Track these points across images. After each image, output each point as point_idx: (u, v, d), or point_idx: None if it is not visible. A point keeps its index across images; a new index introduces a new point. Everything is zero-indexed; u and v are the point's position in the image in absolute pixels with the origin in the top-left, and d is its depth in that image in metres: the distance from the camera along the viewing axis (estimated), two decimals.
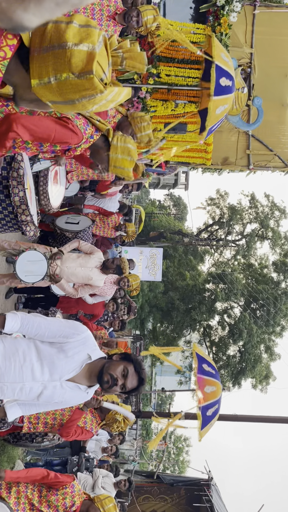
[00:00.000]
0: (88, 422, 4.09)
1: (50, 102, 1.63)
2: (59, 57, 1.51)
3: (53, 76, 1.54)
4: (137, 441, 14.85)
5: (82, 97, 1.58)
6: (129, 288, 6.34)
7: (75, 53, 1.50)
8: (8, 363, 2.39)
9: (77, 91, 1.55)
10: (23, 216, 3.78)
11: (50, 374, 2.43)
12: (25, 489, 3.29)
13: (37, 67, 1.55)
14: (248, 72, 7.42)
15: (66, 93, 1.57)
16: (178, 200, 36.81)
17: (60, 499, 3.33)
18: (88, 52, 1.52)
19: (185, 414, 9.05)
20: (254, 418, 12.57)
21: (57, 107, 1.67)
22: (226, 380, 21.31)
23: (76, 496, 3.40)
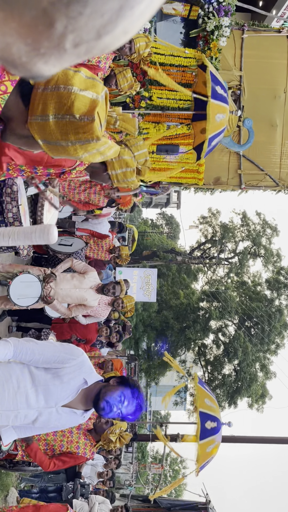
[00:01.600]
0: (81, 447, 3.99)
1: (42, 141, 1.63)
2: (63, 98, 1.54)
3: (52, 115, 1.55)
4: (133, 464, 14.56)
5: (77, 140, 1.59)
6: (124, 309, 6.31)
7: (79, 97, 1.54)
8: (1, 390, 2.34)
9: (74, 133, 1.57)
10: None
11: (45, 400, 2.38)
12: None
13: (39, 103, 1.57)
14: (238, 94, 7.57)
15: (62, 134, 1.58)
16: (170, 219, 37.01)
17: None
18: (92, 100, 1.56)
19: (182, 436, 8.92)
20: (252, 439, 12.41)
21: (48, 147, 1.66)
22: (222, 399, 21.08)
23: None
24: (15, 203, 3.69)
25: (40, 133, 1.60)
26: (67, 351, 2.46)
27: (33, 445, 3.70)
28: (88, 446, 4.02)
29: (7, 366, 2.42)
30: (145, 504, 11.87)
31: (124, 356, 16.99)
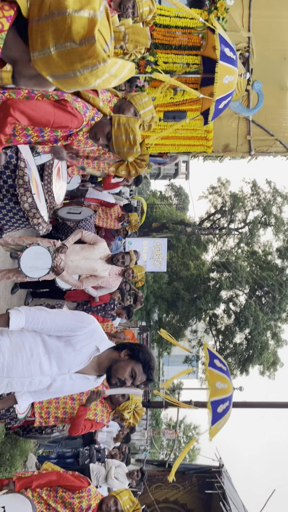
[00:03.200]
0: (98, 414, 4.10)
1: (50, 76, 1.53)
2: (59, 25, 1.44)
3: (53, 46, 1.46)
4: (148, 430, 14.95)
5: (84, 67, 1.49)
6: (134, 279, 6.33)
7: (75, 20, 1.43)
8: (15, 358, 2.38)
9: (78, 60, 1.47)
10: (35, 220, 3.80)
11: (58, 367, 2.42)
12: (40, 490, 3.31)
13: (36, 37, 1.48)
14: (246, 57, 7.32)
15: (67, 64, 1.48)
16: (179, 190, 36.68)
17: (76, 503, 3.35)
18: (90, 19, 1.45)
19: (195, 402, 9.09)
20: (264, 404, 12.60)
21: (58, 82, 1.57)
22: (234, 368, 21.37)
23: (93, 499, 3.42)
24: (29, 194, 3.70)
25: (47, 69, 1.51)
26: (78, 319, 2.47)
27: (88, 408, 3.83)
28: (105, 413, 4.13)
29: (20, 334, 2.44)
30: (159, 468, 12.21)
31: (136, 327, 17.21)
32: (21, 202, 3.70)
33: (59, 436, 4.60)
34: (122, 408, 4.17)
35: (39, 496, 3.27)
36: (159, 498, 11.57)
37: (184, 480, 11.85)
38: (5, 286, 6.33)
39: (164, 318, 24.44)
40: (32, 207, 3.74)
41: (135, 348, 2.50)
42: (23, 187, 3.65)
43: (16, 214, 3.78)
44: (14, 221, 3.82)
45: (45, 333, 2.45)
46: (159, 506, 11.19)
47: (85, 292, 6.03)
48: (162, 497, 11.74)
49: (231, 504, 10.04)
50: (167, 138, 6.94)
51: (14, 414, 3.52)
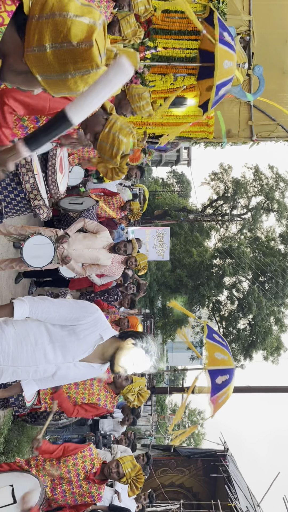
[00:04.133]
0: (102, 399, 4.15)
1: (40, 75, 1.54)
2: (59, 25, 1.46)
3: (49, 44, 1.47)
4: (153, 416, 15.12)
5: (76, 70, 1.50)
6: (137, 267, 6.35)
7: (76, 23, 1.45)
8: (20, 347, 2.42)
9: (73, 62, 1.48)
10: (36, 201, 3.80)
11: (62, 356, 2.45)
12: (43, 462, 3.38)
13: (34, 33, 1.49)
14: (247, 40, 7.24)
15: (60, 64, 1.49)
16: (181, 177, 36.47)
17: (80, 463, 3.41)
18: (89, 25, 1.47)
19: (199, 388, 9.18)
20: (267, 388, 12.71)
21: (47, 83, 1.57)
22: (237, 353, 21.49)
23: (95, 459, 3.49)
24: (31, 174, 3.70)
25: (38, 67, 1.52)
26: (82, 308, 2.50)
27: (60, 391, 3.87)
28: (108, 398, 4.18)
29: (24, 323, 2.47)
30: (165, 453, 12.38)
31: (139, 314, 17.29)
32: (23, 182, 3.71)
33: (66, 423, 4.68)
34: (126, 391, 4.22)
35: (43, 469, 3.35)
36: (164, 482, 11.75)
37: (190, 464, 12.03)
38: (9, 275, 6.36)
39: (168, 305, 24.53)
40: (34, 188, 3.73)
41: (138, 337, 2.54)
42: (25, 167, 3.65)
43: (17, 196, 3.78)
44: (15, 203, 3.81)
45: (49, 322, 2.48)
46: (165, 490, 11.38)
47: (89, 279, 6.06)
48: (168, 481, 11.92)
49: (236, 487, 10.20)
50: (168, 125, 6.90)
51: (23, 402, 3.57)
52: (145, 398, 4.58)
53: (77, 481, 3.39)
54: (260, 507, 10.72)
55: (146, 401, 4.85)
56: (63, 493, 3.37)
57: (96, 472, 3.45)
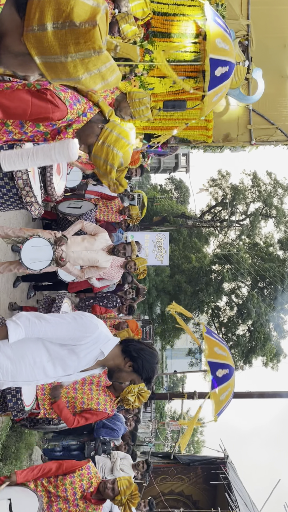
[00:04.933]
0: (101, 403, 4.09)
1: (39, 57, 1.47)
2: (62, 4, 1.40)
3: (50, 23, 1.41)
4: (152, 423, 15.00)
5: (78, 52, 1.43)
6: (136, 271, 6.31)
7: (79, 3, 1.40)
8: (18, 366, 2.34)
9: (74, 43, 1.42)
10: (28, 198, 3.76)
11: (63, 370, 2.39)
12: (41, 479, 3.31)
13: (35, 11, 1.43)
14: (245, 45, 7.26)
15: (61, 45, 1.42)
16: (179, 183, 36.56)
17: (77, 481, 3.34)
18: (93, 7, 1.42)
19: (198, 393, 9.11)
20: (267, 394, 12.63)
21: (45, 66, 1.49)
22: (237, 359, 21.39)
23: (93, 477, 3.42)
24: (25, 170, 3.66)
25: (37, 48, 1.45)
26: (81, 328, 2.35)
27: (59, 402, 3.80)
28: (108, 402, 4.12)
29: (21, 343, 2.35)
30: (165, 461, 12.26)
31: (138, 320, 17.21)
32: (16, 178, 3.65)
33: (66, 427, 4.61)
34: (126, 392, 4.16)
35: (40, 485, 3.28)
36: (164, 490, 11.62)
37: (189, 471, 11.90)
38: (7, 279, 6.31)
39: (167, 311, 24.46)
40: (26, 184, 3.69)
41: (139, 362, 2.45)
42: None
43: (9, 191, 3.72)
44: (6, 198, 3.76)
45: (47, 340, 2.38)
46: (164, 498, 11.25)
47: (88, 282, 6.02)
48: (167, 489, 11.79)
49: (236, 495, 10.08)
50: (166, 128, 6.89)
51: (21, 406, 3.51)
52: (146, 398, 4.51)
53: (73, 499, 3.31)
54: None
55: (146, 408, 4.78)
56: (59, 511, 3.30)
57: (93, 492, 3.38)
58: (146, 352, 2.47)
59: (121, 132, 2.41)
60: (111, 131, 2.39)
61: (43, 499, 3.25)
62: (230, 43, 5.02)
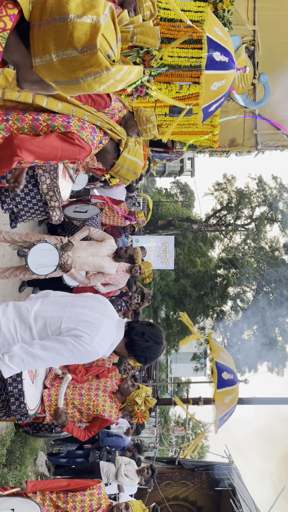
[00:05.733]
0: (106, 410, 4.07)
1: (53, 82, 1.51)
2: (61, 31, 1.39)
3: (54, 53, 1.42)
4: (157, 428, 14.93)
5: (87, 75, 1.45)
6: (142, 276, 6.30)
7: (77, 26, 1.38)
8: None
9: (80, 69, 1.43)
10: (52, 202, 3.82)
11: None
12: (50, 493, 3.30)
13: (38, 43, 1.44)
14: (251, 50, 7.26)
15: (69, 72, 1.44)
16: (184, 187, 36.57)
17: (87, 500, 3.34)
18: (92, 25, 1.39)
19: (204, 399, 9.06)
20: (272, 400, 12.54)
21: (62, 88, 1.54)
22: (242, 364, 21.30)
23: (103, 499, 3.42)
24: (48, 175, 3.70)
25: (49, 76, 1.48)
26: (80, 360, 2.32)
27: (68, 425, 3.81)
28: (114, 408, 4.10)
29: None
30: (169, 466, 12.20)
31: None
32: (40, 182, 3.73)
33: (68, 435, 4.60)
34: (133, 396, 4.15)
35: (48, 499, 3.27)
36: (169, 495, 11.55)
37: (194, 477, 11.83)
38: (12, 284, 6.32)
39: (172, 315, 24.40)
40: (50, 189, 3.76)
41: (141, 360, 2.49)
42: (42, 168, 3.67)
43: (33, 198, 3.81)
44: (31, 206, 3.84)
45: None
46: (169, 503, 11.18)
47: (93, 288, 6.02)
48: (172, 495, 11.72)
49: (241, 501, 10.00)
50: (172, 134, 6.89)
51: (25, 410, 3.50)
52: (152, 404, 4.51)
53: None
54: None
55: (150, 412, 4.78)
56: None
57: None
58: (150, 350, 2.47)
59: (130, 166, 2.67)
60: (122, 167, 2.68)
61: (52, 509, 3.24)
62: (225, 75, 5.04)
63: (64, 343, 2.22)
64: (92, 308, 2.40)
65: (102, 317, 2.36)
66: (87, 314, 2.35)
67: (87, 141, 2.40)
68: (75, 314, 2.33)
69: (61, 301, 2.43)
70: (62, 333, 2.27)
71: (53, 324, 2.29)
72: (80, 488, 3.38)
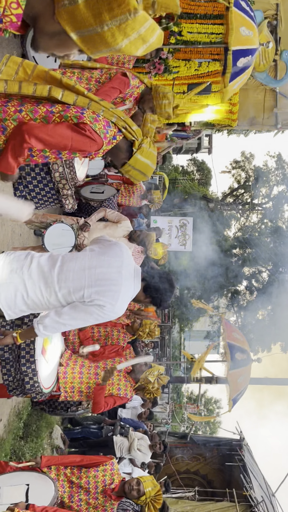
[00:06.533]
0: (122, 388, 4.17)
1: (74, 33, 1.43)
2: None
3: None
4: (169, 404, 15.20)
5: (113, 19, 1.37)
6: (157, 257, 6.31)
7: None
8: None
9: (107, 9, 1.36)
10: (64, 190, 3.82)
11: None
12: (64, 468, 3.41)
13: None
14: (274, 25, 7.02)
15: (94, 15, 1.37)
16: (201, 165, 36.02)
17: (100, 476, 3.45)
18: None
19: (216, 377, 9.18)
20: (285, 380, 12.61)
21: (83, 41, 1.45)
22: (255, 344, 21.37)
23: (115, 474, 3.52)
24: (60, 162, 3.70)
25: (72, 23, 1.41)
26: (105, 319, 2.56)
27: (104, 387, 3.98)
28: (128, 387, 4.20)
29: None
30: (181, 441, 12.45)
31: None
32: (53, 170, 3.73)
33: (84, 413, 4.72)
34: (146, 374, 4.26)
35: (63, 474, 3.38)
36: (180, 469, 11.83)
37: (205, 452, 12.06)
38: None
39: (186, 294, 24.47)
40: (62, 177, 3.76)
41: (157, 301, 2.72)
42: None
43: (46, 186, 3.81)
44: (44, 194, 3.85)
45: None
46: (180, 476, 11.46)
47: None
48: (183, 468, 11.99)
49: (251, 476, 10.19)
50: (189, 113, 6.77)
51: (39, 389, 3.59)
52: (165, 382, 4.60)
53: (94, 492, 3.43)
54: (275, 496, 10.71)
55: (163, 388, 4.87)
56: (79, 502, 3.41)
57: (114, 488, 3.49)
58: (166, 292, 2.71)
59: (141, 168, 2.65)
60: (132, 168, 2.66)
61: (65, 489, 3.36)
62: (254, 28, 4.87)
63: (90, 314, 2.48)
64: (109, 265, 2.52)
65: (120, 278, 2.49)
66: (105, 278, 2.48)
67: (99, 134, 2.33)
68: (95, 280, 2.47)
69: (79, 264, 2.52)
70: (86, 302, 2.46)
71: (76, 292, 2.47)
72: (93, 464, 3.49)
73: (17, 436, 5.68)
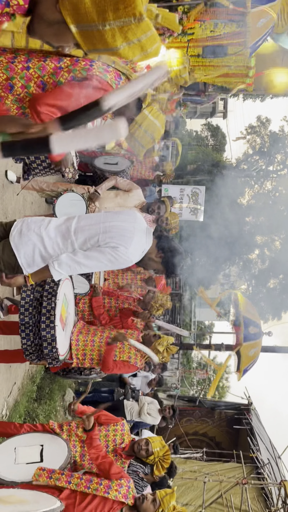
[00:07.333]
0: (132, 357, 4.24)
1: (75, 25, 1.38)
2: None
3: None
4: (179, 369, 15.51)
5: (117, 19, 1.33)
6: (168, 227, 6.28)
7: None
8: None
9: (113, 9, 1.32)
10: None
11: None
12: (76, 428, 3.53)
13: None
14: None
15: (98, 12, 1.33)
16: (216, 130, 35.19)
17: (111, 435, 3.57)
18: None
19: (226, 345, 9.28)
20: None
21: (81, 35, 1.40)
22: (266, 312, 21.47)
23: (126, 435, 3.63)
24: None
25: (74, 15, 1.36)
26: (116, 266, 2.68)
27: (114, 346, 4.10)
28: (138, 356, 4.27)
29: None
30: (190, 404, 12.75)
31: None
32: None
33: (96, 378, 4.85)
34: (155, 345, 4.35)
35: (74, 435, 3.51)
36: (188, 431, 12.17)
37: (213, 415, 12.37)
38: None
39: (197, 262, 24.47)
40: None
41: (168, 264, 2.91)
42: None
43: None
44: (39, 163, 3.74)
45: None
46: (188, 438, 11.81)
47: None
48: (191, 430, 12.34)
49: (258, 439, 10.45)
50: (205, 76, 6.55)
51: (56, 354, 3.66)
52: (174, 351, 4.70)
53: (105, 451, 3.56)
54: (281, 459, 11.01)
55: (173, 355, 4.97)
56: (91, 461, 3.54)
57: (124, 448, 3.61)
58: (176, 252, 2.91)
59: (148, 127, 2.67)
60: (139, 127, 2.72)
61: (77, 449, 3.49)
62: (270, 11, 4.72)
63: (104, 253, 2.57)
64: (123, 220, 2.68)
65: (133, 229, 2.65)
66: (119, 227, 2.64)
67: (111, 84, 2.18)
68: (109, 228, 2.62)
69: (94, 218, 2.70)
70: (101, 245, 2.59)
71: (92, 239, 2.60)
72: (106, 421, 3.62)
73: (31, 398, 5.88)
